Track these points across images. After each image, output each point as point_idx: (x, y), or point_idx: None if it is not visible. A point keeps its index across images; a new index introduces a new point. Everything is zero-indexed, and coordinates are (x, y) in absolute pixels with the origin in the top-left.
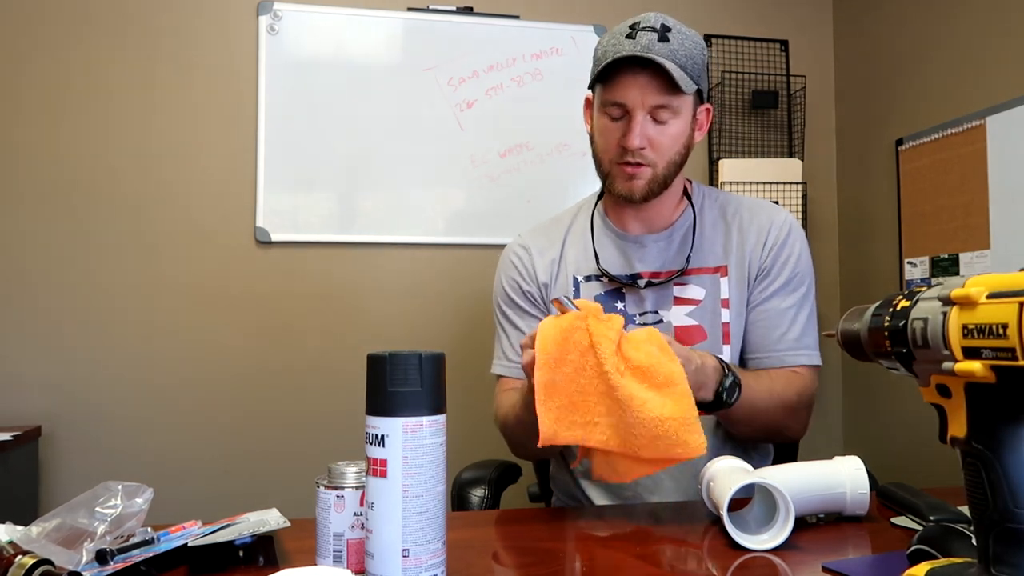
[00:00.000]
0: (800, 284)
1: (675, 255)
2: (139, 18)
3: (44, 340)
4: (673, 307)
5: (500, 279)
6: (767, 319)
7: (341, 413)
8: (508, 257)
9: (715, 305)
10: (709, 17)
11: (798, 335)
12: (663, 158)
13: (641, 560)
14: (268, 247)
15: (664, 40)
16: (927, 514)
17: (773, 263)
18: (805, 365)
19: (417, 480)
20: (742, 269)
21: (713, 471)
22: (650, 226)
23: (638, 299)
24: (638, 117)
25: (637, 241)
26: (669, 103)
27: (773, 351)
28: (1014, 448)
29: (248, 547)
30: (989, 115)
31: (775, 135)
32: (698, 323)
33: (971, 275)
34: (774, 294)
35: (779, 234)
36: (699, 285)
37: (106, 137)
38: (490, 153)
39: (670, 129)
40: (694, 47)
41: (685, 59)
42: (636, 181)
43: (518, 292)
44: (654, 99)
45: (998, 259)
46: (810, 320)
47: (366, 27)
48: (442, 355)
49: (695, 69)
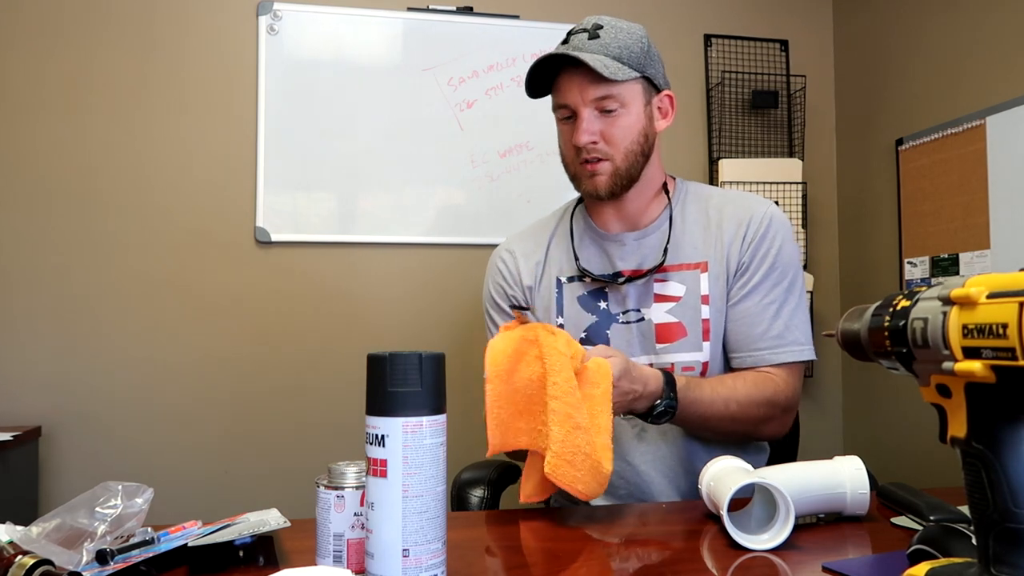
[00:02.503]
0: (783, 277)
1: (654, 252)
2: (139, 18)
3: (44, 340)
4: (654, 304)
5: (487, 284)
6: (747, 316)
7: (341, 413)
8: (495, 262)
9: (695, 301)
10: (709, 17)
11: (781, 331)
12: (619, 149)
13: (641, 560)
14: (268, 247)
15: (595, 37)
16: (927, 514)
17: (752, 258)
18: (789, 362)
19: (417, 480)
20: (721, 264)
21: (713, 471)
22: (631, 224)
23: (620, 297)
24: (583, 113)
25: (617, 239)
26: (609, 92)
27: (754, 350)
28: (1014, 448)
29: (248, 547)
30: (989, 115)
31: (775, 135)
32: (678, 320)
33: (971, 275)
34: (753, 290)
35: (759, 227)
36: (679, 282)
37: (106, 137)
38: (490, 153)
39: (620, 120)
40: (629, 37)
41: (619, 50)
42: (598, 177)
43: (503, 297)
44: (592, 92)
45: (998, 259)
46: (796, 314)
47: (366, 27)
48: (442, 355)
49: (633, 58)
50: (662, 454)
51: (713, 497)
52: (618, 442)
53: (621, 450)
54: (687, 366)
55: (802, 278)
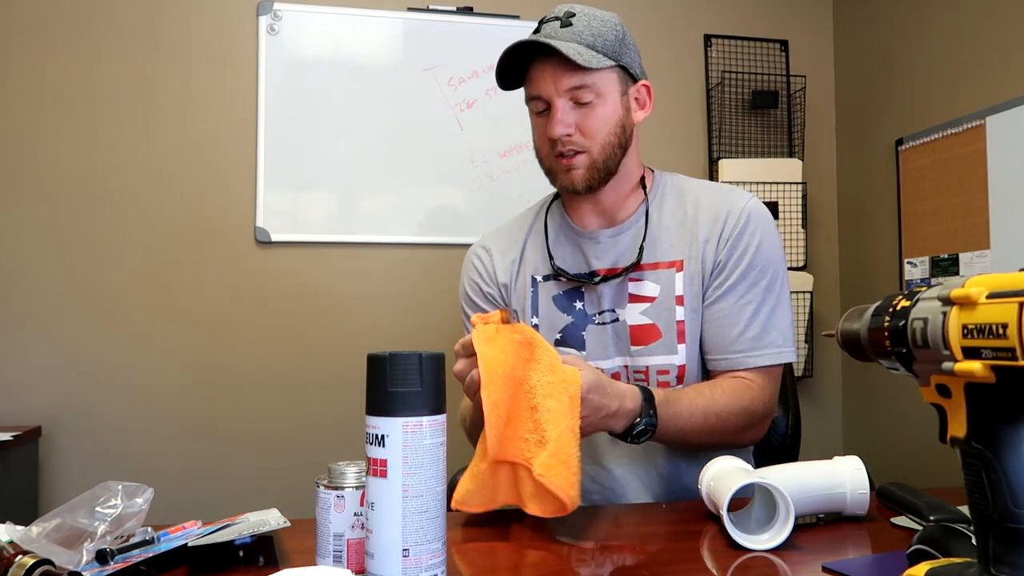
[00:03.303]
0: (761, 276)
1: (629, 250)
2: (139, 18)
3: (44, 340)
4: (628, 305)
5: (463, 281)
6: (722, 318)
7: (341, 413)
8: (470, 259)
9: (670, 303)
10: (709, 17)
11: (758, 333)
12: (596, 141)
13: (641, 560)
14: (268, 247)
15: (567, 25)
16: (927, 514)
17: (728, 257)
18: (766, 366)
19: (417, 480)
20: (696, 263)
21: (713, 471)
22: (607, 220)
23: (596, 298)
24: (557, 104)
25: (592, 237)
26: (584, 82)
27: (730, 353)
28: (1014, 448)
29: (248, 547)
30: (989, 115)
31: (775, 135)
32: (653, 321)
33: (971, 275)
34: (730, 290)
35: (736, 223)
36: (654, 281)
37: (106, 137)
38: (490, 153)
39: (596, 110)
40: (602, 25)
41: (592, 38)
42: (575, 171)
43: (478, 294)
44: (566, 81)
45: (998, 259)
46: (775, 315)
47: (366, 27)
48: (442, 355)
49: (607, 46)
50: (637, 458)
51: (713, 497)
52: (592, 445)
53: (595, 454)
54: (662, 369)
55: (784, 275)
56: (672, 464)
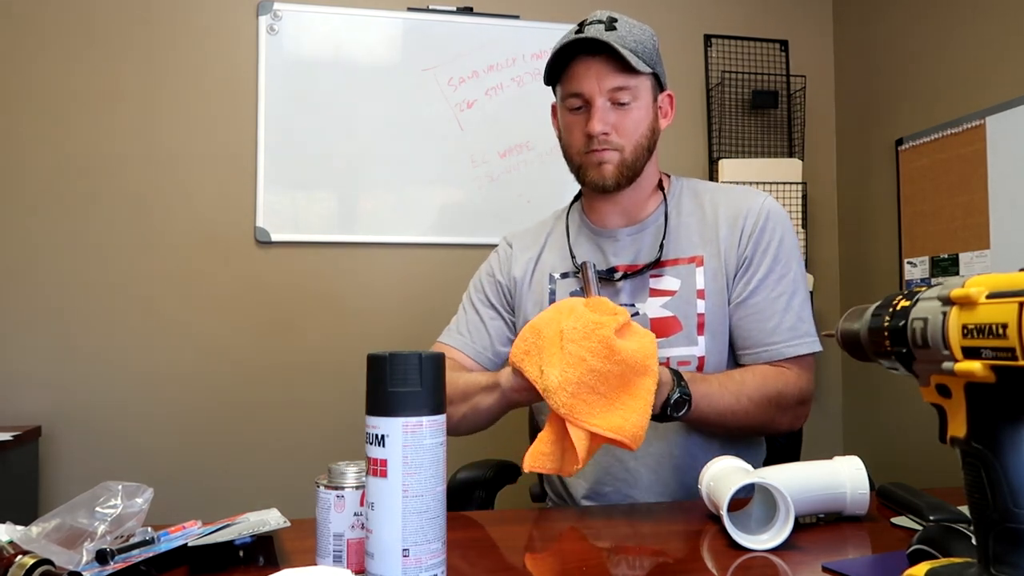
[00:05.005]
0: (787, 270)
1: (649, 247)
2: (139, 18)
3: (44, 340)
4: (649, 299)
5: (484, 265)
6: (758, 312)
7: (341, 413)
8: (497, 248)
9: (690, 296)
10: (709, 17)
11: (793, 323)
12: (629, 141)
13: (641, 560)
14: (268, 247)
15: (612, 29)
16: (927, 514)
17: (754, 252)
18: (803, 355)
19: (417, 480)
20: (718, 259)
21: (713, 471)
22: (626, 219)
23: (614, 293)
24: (598, 103)
25: (612, 235)
26: (626, 84)
27: (769, 344)
28: (1014, 448)
29: (248, 547)
30: (989, 115)
31: (775, 135)
32: (673, 314)
33: (971, 275)
34: (760, 285)
35: (756, 221)
36: (675, 276)
37: (106, 137)
38: (490, 153)
39: (632, 112)
40: (643, 34)
41: (635, 44)
42: (606, 166)
43: (490, 281)
44: (610, 81)
45: (998, 259)
46: (804, 305)
47: (366, 27)
48: (442, 355)
49: (647, 54)
50: (654, 451)
51: (713, 497)
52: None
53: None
54: (683, 360)
55: (804, 271)
56: (691, 459)
